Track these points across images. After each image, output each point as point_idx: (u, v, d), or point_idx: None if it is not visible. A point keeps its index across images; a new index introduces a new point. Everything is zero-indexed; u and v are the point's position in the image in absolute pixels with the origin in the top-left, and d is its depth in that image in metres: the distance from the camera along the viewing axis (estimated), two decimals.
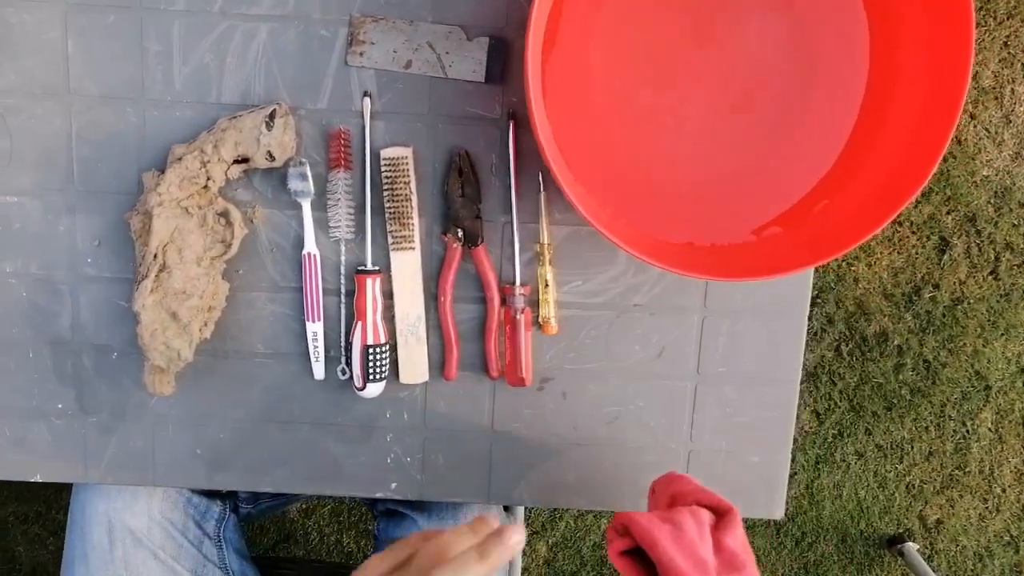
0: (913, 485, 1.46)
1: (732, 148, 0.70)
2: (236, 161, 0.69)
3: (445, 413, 0.76)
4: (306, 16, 0.69)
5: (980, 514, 1.45)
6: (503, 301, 0.73)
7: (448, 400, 0.75)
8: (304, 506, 1.44)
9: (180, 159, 0.67)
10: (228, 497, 0.90)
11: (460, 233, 0.71)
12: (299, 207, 0.71)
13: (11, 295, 0.73)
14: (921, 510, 1.46)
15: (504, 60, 0.69)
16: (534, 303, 0.73)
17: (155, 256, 0.67)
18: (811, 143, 0.69)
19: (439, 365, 0.75)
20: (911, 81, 0.64)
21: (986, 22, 1.35)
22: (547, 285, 0.72)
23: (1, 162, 0.71)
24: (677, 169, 0.70)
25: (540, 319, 0.73)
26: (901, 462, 1.45)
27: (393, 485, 0.77)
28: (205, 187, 0.68)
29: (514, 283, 0.72)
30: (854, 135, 0.69)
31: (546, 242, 0.72)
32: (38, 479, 0.77)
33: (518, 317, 0.72)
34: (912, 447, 1.45)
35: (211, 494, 0.88)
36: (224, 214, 0.69)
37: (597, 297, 0.74)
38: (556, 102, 0.68)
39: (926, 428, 1.44)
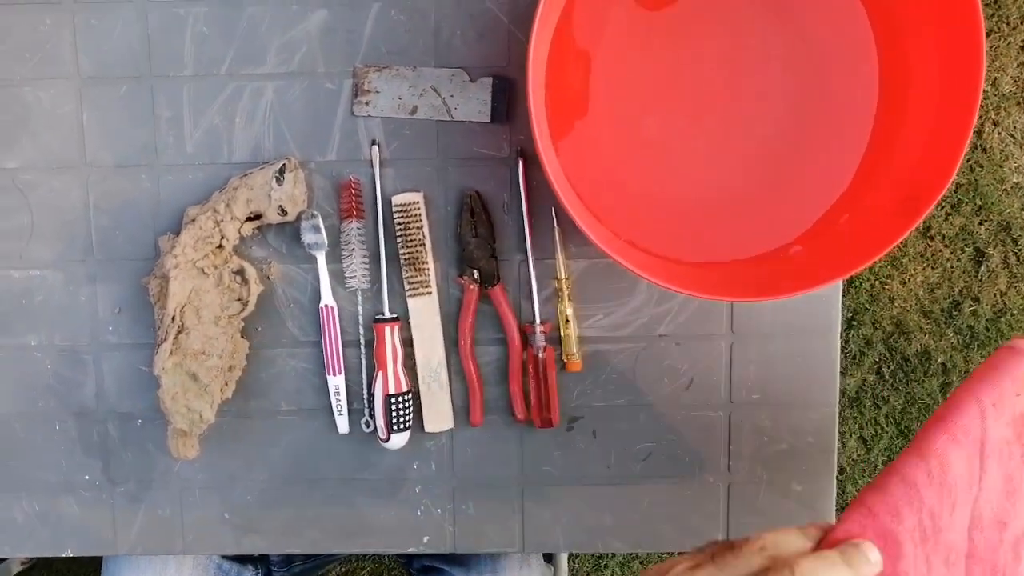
0: None
1: (744, 168, 0.68)
2: (249, 218, 0.69)
3: (473, 460, 0.74)
4: (311, 71, 0.70)
5: None
6: (524, 340, 0.71)
7: (475, 446, 0.74)
8: (343, 569, 1.41)
9: (194, 220, 0.68)
10: (260, 561, 0.88)
11: (476, 274, 0.70)
12: (314, 260, 0.71)
13: (36, 368, 0.73)
14: None
15: (509, 98, 0.69)
16: (556, 340, 0.72)
17: (173, 318, 0.67)
18: (826, 158, 0.68)
19: (464, 411, 0.73)
20: (924, 88, 0.63)
21: (1000, 28, 1.33)
22: (567, 321, 0.71)
23: (23, 237, 0.72)
24: (689, 192, 0.68)
25: (563, 356, 0.71)
26: None
27: (425, 539, 0.75)
28: (220, 246, 0.68)
29: (534, 321, 0.71)
30: (870, 148, 0.67)
31: (564, 277, 0.70)
32: (69, 553, 0.76)
33: (540, 356, 0.70)
34: None
35: (242, 559, 0.86)
36: (240, 272, 0.69)
37: (621, 330, 0.72)
38: (562, 135, 0.67)
39: None
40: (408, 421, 0.71)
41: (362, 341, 0.72)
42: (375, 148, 0.70)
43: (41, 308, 0.73)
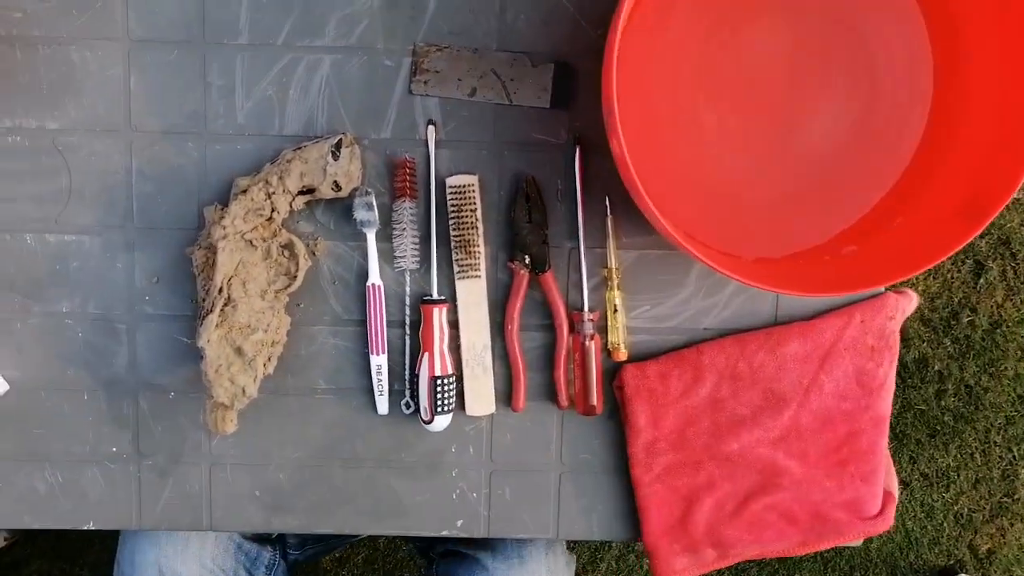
0: (961, 514, 1.42)
1: (798, 164, 0.69)
2: (301, 192, 0.68)
3: (511, 445, 0.73)
4: (370, 47, 0.69)
5: None
6: (571, 328, 0.71)
7: (515, 432, 0.73)
8: (337, 555, 1.40)
9: (245, 191, 0.66)
10: (277, 543, 0.87)
11: (527, 260, 0.70)
12: (361, 238, 0.70)
13: (67, 336, 0.71)
14: (971, 540, 1.42)
15: (569, 85, 0.69)
16: (602, 329, 0.72)
17: (220, 290, 0.66)
18: (877, 157, 0.69)
19: (505, 396, 0.73)
20: (981, 91, 0.64)
21: None
22: (616, 310, 0.71)
23: (60, 200, 0.70)
24: (745, 188, 0.69)
25: (609, 345, 0.72)
26: (948, 491, 1.42)
27: (459, 522, 0.74)
28: (269, 219, 0.67)
29: (582, 309, 0.71)
30: (921, 147, 0.68)
31: (614, 266, 0.70)
32: (91, 526, 0.74)
33: (587, 344, 0.70)
34: (958, 475, 1.42)
35: (262, 539, 0.85)
36: (288, 246, 0.68)
37: (666, 322, 0.72)
38: (623, 125, 0.67)
39: (971, 455, 1.42)
40: (451, 404, 0.70)
41: (407, 322, 0.71)
42: (431, 128, 0.69)
43: (76, 274, 0.71)
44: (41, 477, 0.73)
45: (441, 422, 0.70)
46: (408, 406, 0.72)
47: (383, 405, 0.72)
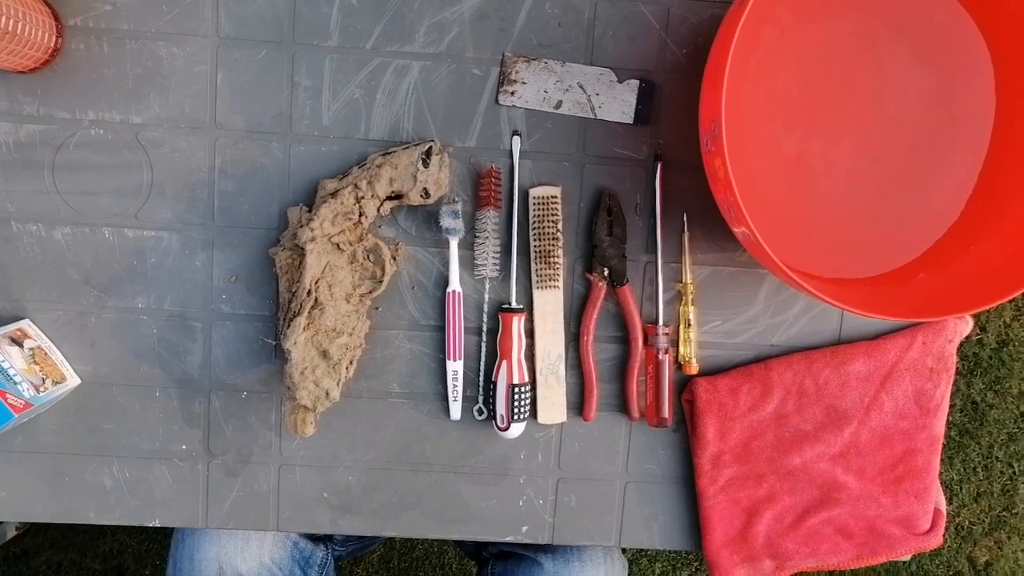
0: (962, 527, 1.47)
1: (874, 190, 0.71)
2: (389, 197, 0.68)
3: (579, 454, 0.75)
4: (459, 55, 0.69)
5: None
6: (644, 341, 0.72)
7: (583, 441, 0.74)
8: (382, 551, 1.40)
9: (334, 194, 0.67)
10: (326, 541, 0.87)
11: (606, 272, 0.71)
12: (442, 245, 0.71)
13: (141, 332, 0.71)
14: (970, 552, 1.47)
15: (651, 103, 0.70)
16: (673, 343, 0.73)
17: (309, 292, 0.66)
18: (949, 183, 0.71)
19: (575, 405, 0.74)
20: None
21: None
22: (689, 324, 0.72)
23: (140, 196, 0.69)
24: (822, 210, 0.71)
25: (680, 359, 0.73)
26: (950, 503, 1.46)
27: (524, 528, 0.75)
28: (357, 223, 0.67)
29: (657, 322, 0.72)
30: (982, 182, 0.71)
31: (689, 281, 0.72)
32: (156, 523, 0.74)
33: (662, 357, 0.72)
34: (961, 488, 1.46)
35: (314, 538, 0.85)
36: (373, 250, 0.68)
37: (735, 338, 0.74)
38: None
39: (974, 469, 1.46)
40: (526, 412, 0.71)
41: (484, 329, 0.72)
42: (516, 138, 0.70)
43: (153, 270, 0.70)
44: (108, 473, 0.72)
45: (516, 429, 0.71)
46: (480, 412, 0.73)
47: (456, 410, 0.73)
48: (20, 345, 0.66)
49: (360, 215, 0.67)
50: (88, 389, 0.71)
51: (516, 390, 0.70)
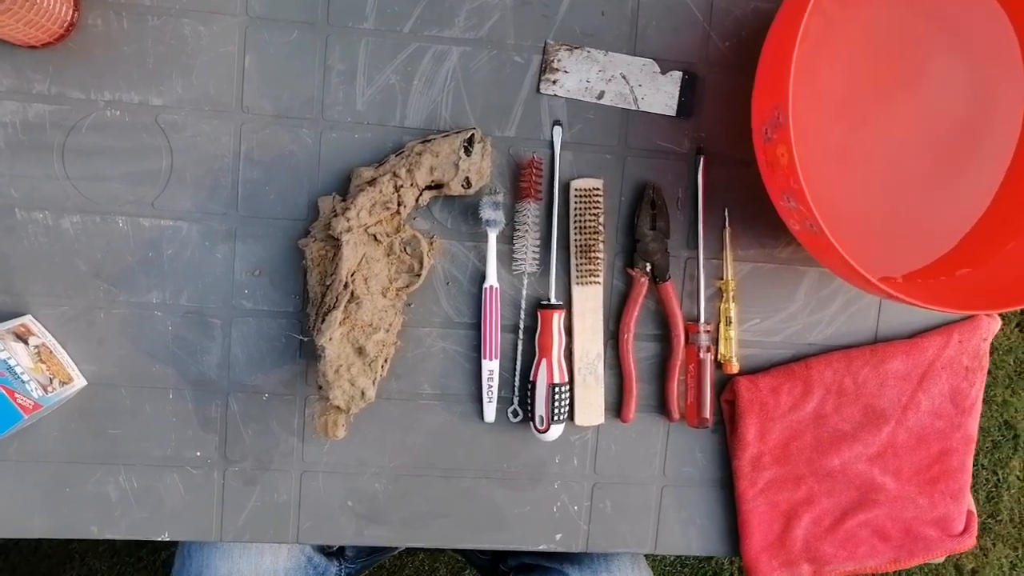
0: None
1: (910, 184, 0.71)
2: (429, 187, 0.65)
3: (616, 457, 0.72)
4: (500, 41, 0.67)
5: (1012, 562, 1.49)
6: (686, 339, 0.70)
7: (620, 443, 0.72)
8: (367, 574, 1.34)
9: (372, 183, 0.63)
10: (339, 557, 0.82)
11: (648, 267, 0.69)
12: (479, 239, 0.68)
13: (155, 329, 0.66)
14: (956, 560, 1.48)
15: (694, 95, 0.69)
16: (714, 341, 0.71)
17: (345, 285, 0.62)
18: (978, 180, 0.71)
19: (613, 406, 0.71)
20: None
21: None
22: (730, 322, 0.71)
23: (157, 183, 0.65)
24: (863, 204, 0.70)
25: (720, 357, 0.71)
26: None
27: (558, 536, 0.72)
28: (395, 214, 0.64)
29: (698, 320, 0.70)
30: (1011, 174, 0.71)
31: (730, 278, 0.70)
32: (165, 537, 0.68)
33: (703, 356, 0.70)
34: None
35: (327, 552, 0.80)
36: (411, 243, 0.65)
37: (774, 336, 0.73)
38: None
39: None
40: (565, 412, 0.68)
41: (522, 326, 0.69)
42: (558, 128, 0.68)
43: (170, 263, 0.66)
44: (114, 482, 0.67)
45: (555, 431, 0.68)
46: (516, 414, 0.70)
47: (491, 412, 0.69)
48: (25, 342, 0.61)
49: (399, 205, 0.64)
50: (94, 391, 0.66)
51: (556, 390, 0.67)
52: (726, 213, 0.70)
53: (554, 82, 0.68)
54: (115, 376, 0.66)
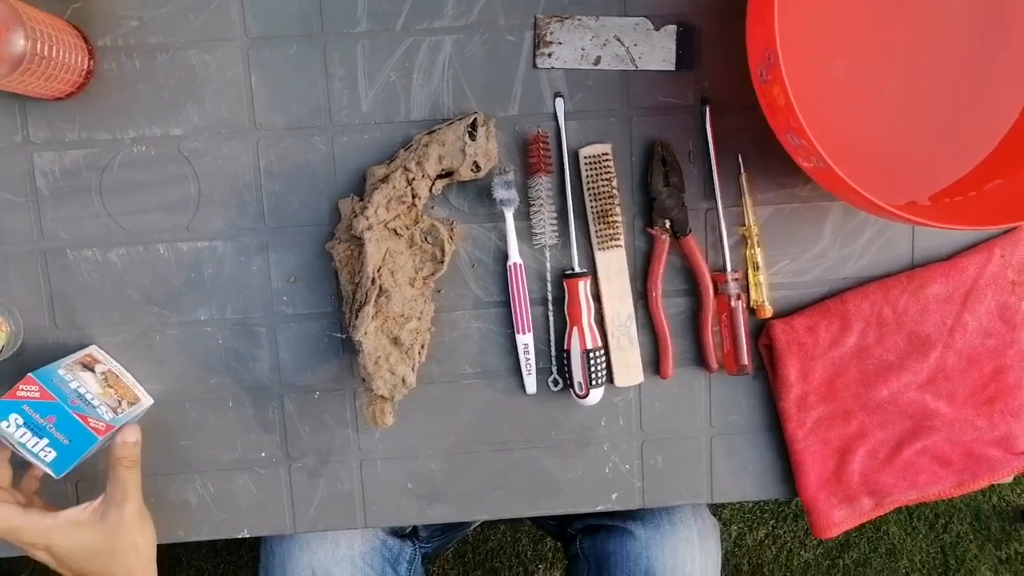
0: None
1: (930, 104, 0.69)
2: (440, 176, 0.67)
3: (661, 413, 0.73)
4: (490, 23, 0.68)
5: None
6: (715, 289, 0.71)
7: (663, 400, 0.73)
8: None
9: (385, 179, 0.66)
10: (413, 538, 0.86)
11: (668, 224, 0.69)
12: (497, 219, 0.70)
13: (207, 344, 0.70)
14: None
15: (692, 46, 0.69)
16: (743, 288, 0.71)
17: (373, 280, 0.65)
18: (1004, 88, 0.68)
19: (651, 364, 0.72)
20: None
21: None
22: (757, 268, 0.70)
23: (189, 208, 0.69)
24: (879, 132, 0.69)
25: (752, 303, 0.71)
26: None
27: (614, 496, 0.74)
28: (411, 206, 0.66)
29: (725, 270, 0.70)
30: None
31: (752, 223, 0.70)
32: (245, 534, 0.73)
33: (734, 304, 0.70)
34: None
35: (400, 535, 0.84)
36: (431, 232, 0.67)
37: (805, 276, 0.72)
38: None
39: None
40: (603, 376, 0.70)
41: (550, 298, 0.71)
42: (559, 100, 0.69)
43: (211, 281, 0.70)
44: (192, 489, 0.72)
45: (595, 395, 0.70)
46: (556, 383, 0.72)
47: (531, 384, 0.71)
48: (92, 370, 0.66)
49: (413, 197, 0.66)
50: (162, 408, 0.71)
51: (591, 355, 0.69)
52: (740, 159, 0.70)
53: (549, 55, 0.68)
54: (178, 392, 0.71)
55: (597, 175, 0.69)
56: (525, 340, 0.70)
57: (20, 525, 0.61)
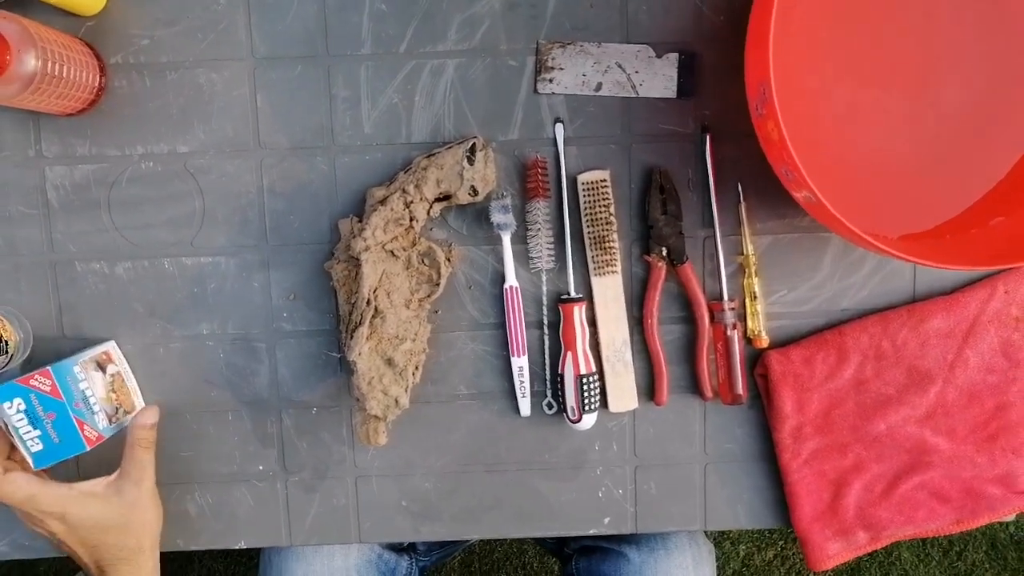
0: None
1: (931, 132, 0.68)
2: (438, 199, 0.68)
3: (655, 440, 0.73)
4: (493, 48, 0.68)
5: None
6: (711, 318, 0.71)
7: (657, 426, 0.73)
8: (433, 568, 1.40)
9: (383, 201, 0.66)
10: (410, 550, 0.87)
11: (664, 252, 0.69)
12: (495, 242, 0.70)
13: (208, 358, 0.72)
14: None
15: (693, 74, 0.68)
16: (740, 317, 0.71)
17: (368, 302, 0.66)
18: (1011, 118, 0.67)
19: (645, 391, 0.72)
20: None
21: None
22: (755, 297, 0.70)
23: (194, 224, 0.70)
24: (882, 163, 0.68)
25: (749, 333, 0.71)
26: None
27: (606, 520, 0.74)
28: (408, 228, 0.67)
29: (721, 298, 0.70)
30: None
31: (751, 253, 0.70)
32: (242, 545, 0.75)
33: (730, 333, 0.70)
34: None
35: (396, 549, 0.85)
36: (428, 254, 0.68)
37: (804, 305, 0.72)
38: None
39: None
40: (596, 401, 0.70)
41: (546, 322, 0.71)
42: (559, 126, 0.69)
43: (214, 296, 0.71)
44: (192, 499, 0.74)
45: (588, 420, 0.70)
46: (550, 407, 0.72)
47: (526, 407, 0.72)
48: (103, 370, 0.68)
49: (411, 220, 0.67)
50: (163, 419, 0.72)
51: (584, 380, 0.69)
52: (739, 188, 0.70)
53: (550, 80, 0.69)
54: (180, 404, 0.72)
55: (595, 201, 0.69)
56: (520, 363, 0.71)
57: (38, 493, 0.62)
